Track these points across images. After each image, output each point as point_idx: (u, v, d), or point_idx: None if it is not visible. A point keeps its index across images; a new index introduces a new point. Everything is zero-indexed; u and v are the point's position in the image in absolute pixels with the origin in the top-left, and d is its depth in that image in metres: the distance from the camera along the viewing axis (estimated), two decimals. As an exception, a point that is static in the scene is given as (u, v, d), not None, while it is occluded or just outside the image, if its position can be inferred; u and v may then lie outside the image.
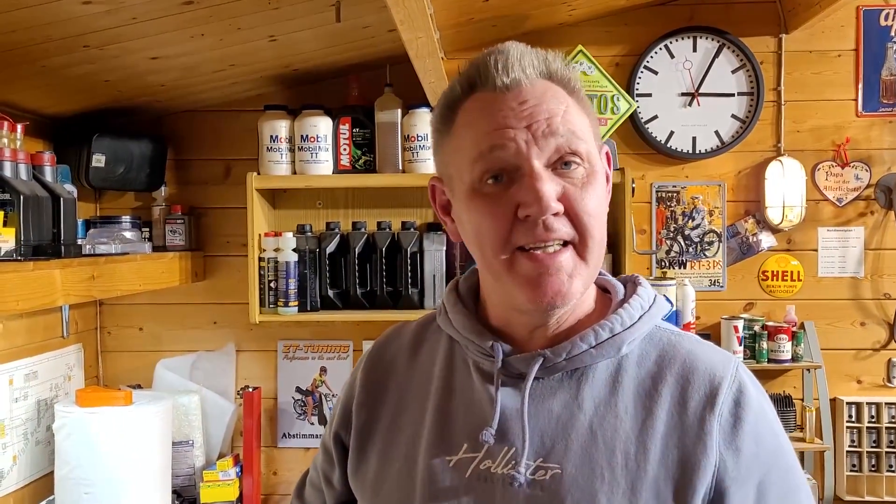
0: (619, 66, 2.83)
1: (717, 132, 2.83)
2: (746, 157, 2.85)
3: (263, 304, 2.58)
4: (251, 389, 2.69)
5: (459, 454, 0.91)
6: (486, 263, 0.90)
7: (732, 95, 2.82)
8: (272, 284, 2.57)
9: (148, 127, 2.74)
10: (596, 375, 0.91)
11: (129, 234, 2.44)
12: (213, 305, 2.83)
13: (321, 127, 2.57)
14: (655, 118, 2.83)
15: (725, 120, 2.83)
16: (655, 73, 2.82)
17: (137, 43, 1.94)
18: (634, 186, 2.65)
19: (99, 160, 2.46)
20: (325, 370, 2.83)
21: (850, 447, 2.78)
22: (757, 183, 2.84)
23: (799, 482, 0.91)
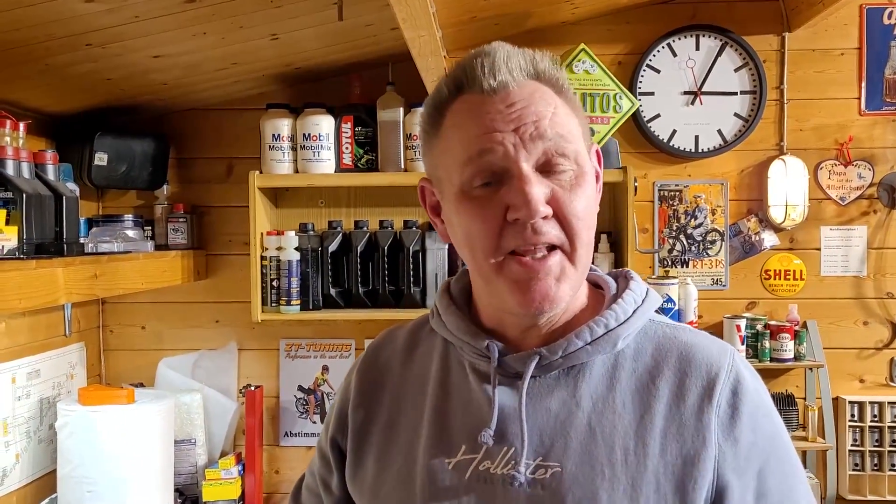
0: (621, 64, 2.82)
1: (719, 131, 2.83)
2: (749, 155, 2.84)
3: (266, 302, 2.58)
4: (253, 388, 2.69)
5: (458, 456, 0.91)
6: (476, 266, 0.90)
7: (735, 94, 2.82)
8: (274, 283, 2.57)
9: (150, 125, 2.74)
10: (593, 372, 0.91)
11: (131, 232, 2.45)
12: (215, 304, 2.83)
13: (323, 125, 2.57)
14: (658, 117, 2.82)
15: (728, 119, 2.82)
16: (658, 71, 2.82)
17: (139, 41, 1.94)
18: (637, 185, 2.65)
19: (101, 159, 2.46)
20: (326, 369, 2.83)
21: (852, 446, 2.78)
22: (759, 182, 2.83)
23: (795, 465, 0.92)
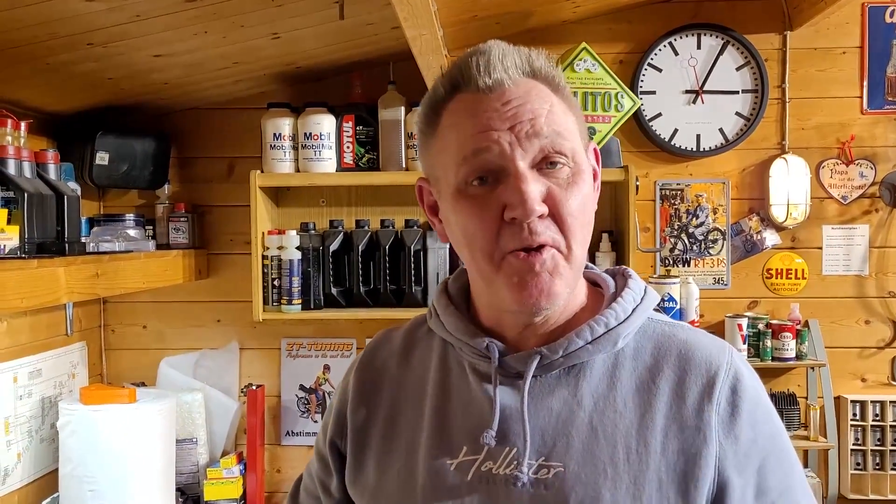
0: (622, 63, 2.82)
1: (721, 130, 2.82)
2: (751, 154, 2.84)
3: (267, 302, 2.58)
4: (255, 387, 2.69)
5: (460, 457, 0.91)
6: (474, 265, 0.90)
7: (737, 93, 2.81)
8: (276, 282, 2.57)
9: (151, 125, 2.74)
10: (593, 371, 0.91)
11: (132, 231, 2.45)
12: (216, 303, 2.83)
13: (324, 125, 2.57)
14: (659, 116, 2.82)
15: (730, 117, 2.82)
16: (659, 70, 2.81)
17: (141, 40, 1.94)
18: (638, 184, 2.65)
19: (102, 158, 2.46)
20: (328, 368, 2.83)
21: (854, 445, 2.78)
22: (761, 181, 2.83)
23: (794, 462, 0.93)
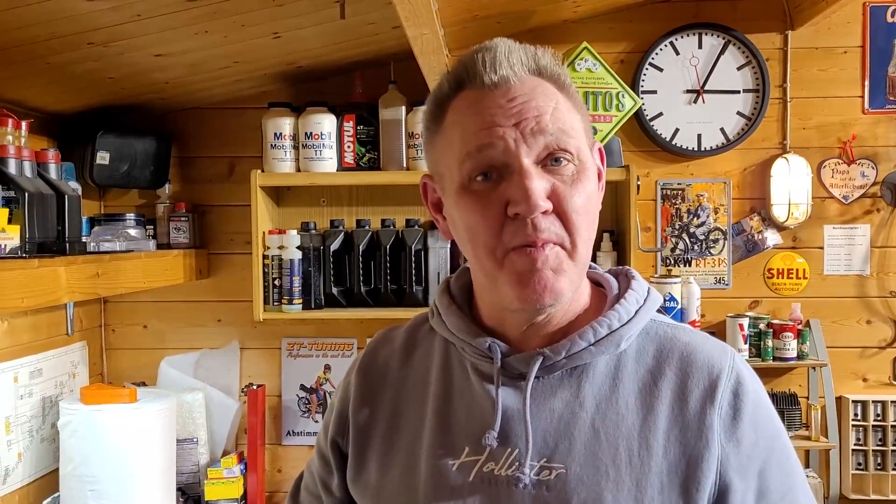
0: (623, 62, 2.82)
1: (722, 129, 2.82)
2: (752, 154, 2.84)
3: (267, 301, 2.58)
4: (255, 387, 2.69)
5: (462, 457, 0.91)
6: (477, 262, 0.90)
7: (738, 92, 2.81)
8: (276, 282, 2.57)
9: (152, 124, 2.74)
10: (596, 373, 0.91)
11: (133, 231, 2.44)
12: (217, 303, 2.83)
13: (325, 124, 2.57)
14: (660, 115, 2.82)
15: (731, 117, 2.81)
16: (660, 69, 2.81)
17: (141, 40, 1.93)
18: (639, 184, 2.65)
19: (103, 158, 2.46)
20: (329, 368, 2.83)
21: (855, 445, 2.78)
22: (762, 180, 2.83)
23: (794, 464, 0.93)
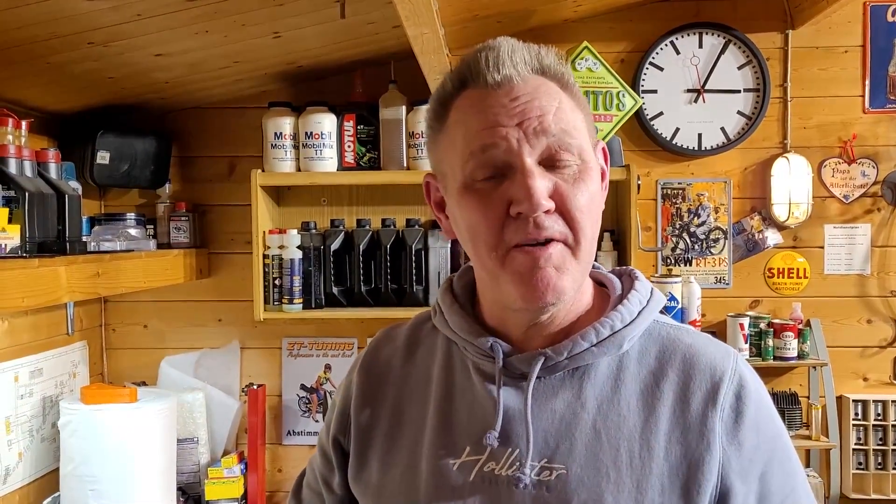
0: (624, 62, 2.82)
1: (722, 129, 2.82)
2: (752, 153, 2.83)
3: (268, 301, 2.58)
4: (256, 387, 2.69)
5: (463, 457, 0.91)
6: (479, 261, 0.90)
7: (738, 92, 2.81)
8: (276, 282, 2.57)
9: (152, 124, 2.74)
10: (598, 373, 0.91)
11: (133, 231, 2.44)
12: (217, 303, 2.83)
13: (325, 124, 2.57)
14: (661, 115, 2.81)
15: (731, 116, 2.81)
16: (661, 69, 2.81)
17: (142, 40, 1.93)
18: (640, 183, 2.64)
19: (103, 157, 2.46)
20: (329, 367, 2.83)
21: (856, 445, 2.77)
22: (763, 180, 2.82)
23: (796, 466, 0.93)
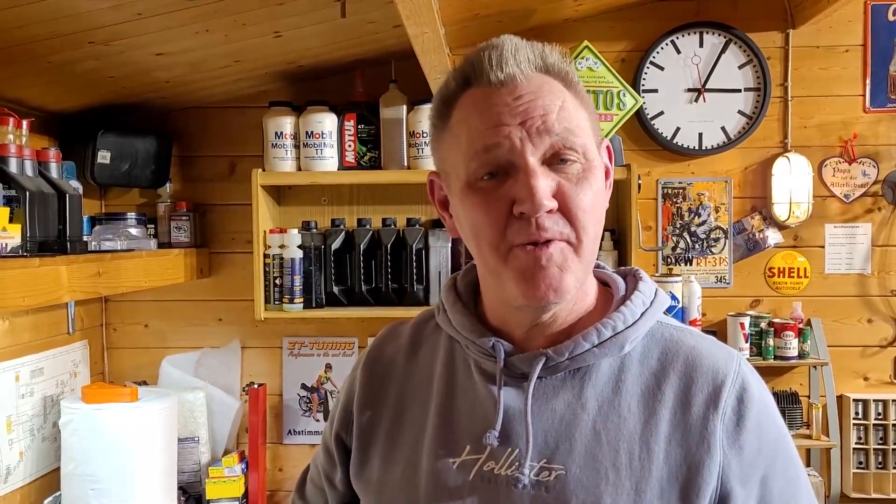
0: (624, 61, 2.81)
1: (723, 128, 2.82)
2: (753, 153, 2.83)
3: (269, 300, 2.58)
4: (256, 386, 2.69)
5: (463, 456, 0.91)
6: (482, 259, 0.90)
7: (739, 91, 2.81)
8: (277, 281, 2.57)
9: (153, 123, 2.74)
10: (599, 374, 0.90)
11: (134, 230, 2.44)
12: (218, 302, 2.83)
13: (326, 123, 2.57)
14: (661, 114, 2.81)
15: (732, 116, 2.81)
16: (661, 68, 2.81)
17: (142, 39, 1.93)
18: (640, 183, 2.64)
19: (104, 157, 2.46)
20: (330, 367, 2.83)
21: (856, 444, 2.77)
22: (763, 179, 2.82)
23: (798, 469, 0.92)
